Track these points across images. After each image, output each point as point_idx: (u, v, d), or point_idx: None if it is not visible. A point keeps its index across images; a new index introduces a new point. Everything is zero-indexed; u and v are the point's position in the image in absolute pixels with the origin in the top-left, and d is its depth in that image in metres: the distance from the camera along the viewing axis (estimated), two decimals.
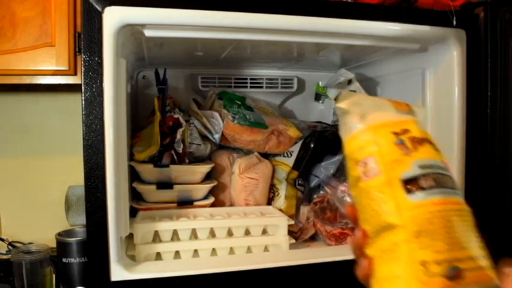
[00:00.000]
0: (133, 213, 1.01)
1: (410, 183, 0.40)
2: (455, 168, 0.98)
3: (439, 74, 1.03)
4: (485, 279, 0.37)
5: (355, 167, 0.44)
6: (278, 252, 0.99)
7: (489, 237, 0.42)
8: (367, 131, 0.44)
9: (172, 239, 0.94)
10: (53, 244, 1.04)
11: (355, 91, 1.29)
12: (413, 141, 0.42)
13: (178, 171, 1.07)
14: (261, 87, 1.39)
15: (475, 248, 0.38)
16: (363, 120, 0.44)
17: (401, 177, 0.40)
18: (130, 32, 0.84)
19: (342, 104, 0.46)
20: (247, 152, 1.25)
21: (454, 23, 0.94)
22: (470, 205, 0.42)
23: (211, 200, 1.12)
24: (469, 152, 0.98)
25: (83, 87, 0.77)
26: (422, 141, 0.42)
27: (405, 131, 0.43)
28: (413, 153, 0.41)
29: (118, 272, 0.81)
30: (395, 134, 0.42)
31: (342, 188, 1.10)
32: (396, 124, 0.43)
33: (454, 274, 0.36)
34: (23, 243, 1.15)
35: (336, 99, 0.48)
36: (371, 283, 0.41)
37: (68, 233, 1.07)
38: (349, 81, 1.31)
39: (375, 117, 0.44)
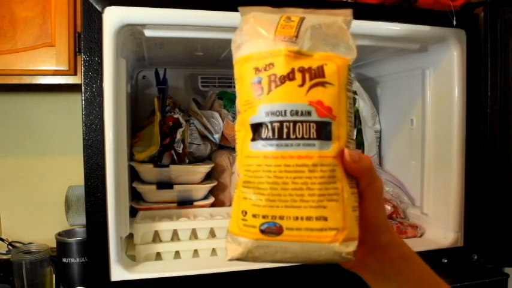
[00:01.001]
0: (133, 213, 1.01)
1: (257, 130, 0.37)
2: (455, 167, 0.98)
3: (439, 74, 1.03)
4: (314, 241, 0.35)
5: None
6: None
7: (489, 236, 0.42)
8: (238, 63, 0.39)
9: (172, 239, 0.94)
10: (53, 244, 1.04)
11: (355, 91, 1.29)
12: (271, 81, 0.36)
13: (178, 171, 1.07)
14: None
15: (308, 208, 0.35)
16: (239, 50, 0.40)
17: (250, 122, 0.37)
18: (130, 32, 0.84)
19: (241, 21, 0.40)
20: None
21: (454, 23, 0.94)
22: (471, 203, 0.41)
23: (211, 200, 1.12)
24: (468, 152, 0.98)
25: (83, 87, 0.77)
26: (283, 79, 0.36)
27: (268, 66, 0.37)
28: (264, 97, 0.37)
29: (118, 272, 0.81)
30: (257, 70, 0.37)
31: None
32: (263, 57, 0.37)
33: (269, 229, 0.36)
34: (23, 243, 1.15)
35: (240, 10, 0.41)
36: None
37: (68, 233, 1.07)
38: None
39: (248, 46, 0.39)
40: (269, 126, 0.36)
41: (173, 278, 0.84)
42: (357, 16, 0.88)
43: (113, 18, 0.78)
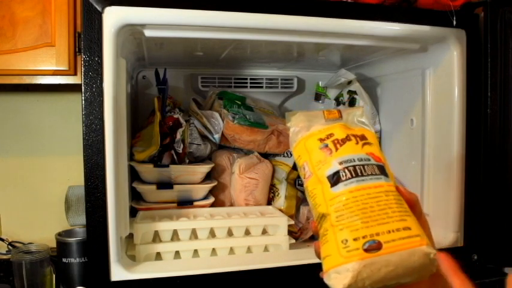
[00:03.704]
0: (133, 213, 1.01)
1: (334, 178, 0.49)
2: (455, 167, 0.98)
3: (439, 74, 1.03)
4: (407, 247, 0.44)
5: (300, 171, 0.54)
6: (278, 252, 0.99)
7: (489, 236, 0.43)
8: (301, 142, 0.54)
9: (172, 239, 0.94)
10: (53, 244, 1.04)
11: (355, 91, 1.30)
12: (336, 143, 0.51)
13: (178, 171, 1.07)
14: (261, 87, 1.39)
15: (395, 222, 0.45)
16: (299, 134, 0.55)
17: (326, 175, 0.49)
18: (130, 32, 0.84)
19: (288, 124, 0.57)
20: (247, 152, 1.25)
21: (454, 23, 0.94)
22: (471, 203, 0.43)
23: (211, 200, 1.12)
24: (469, 152, 0.98)
25: (83, 87, 0.77)
26: (344, 141, 0.52)
27: (329, 136, 0.52)
28: (334, 153, 0.51)
29: (118, 272, 0.81)
30: (321, 140, 0.52)
31: None
32: (322, 132, 0.53)
33: (371, 247, 0.43)
34: (23, 243, 1.15)
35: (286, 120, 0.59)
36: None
37: (68, 233, 1.07)
38: (349, 82, 1.31)
39: (307, 130, 0.55)
40: (346, 171, 0.49)
41: (173, 278, 0.84)
42: (357, 16, 0.88)
43: (113, 18, 0.78)
